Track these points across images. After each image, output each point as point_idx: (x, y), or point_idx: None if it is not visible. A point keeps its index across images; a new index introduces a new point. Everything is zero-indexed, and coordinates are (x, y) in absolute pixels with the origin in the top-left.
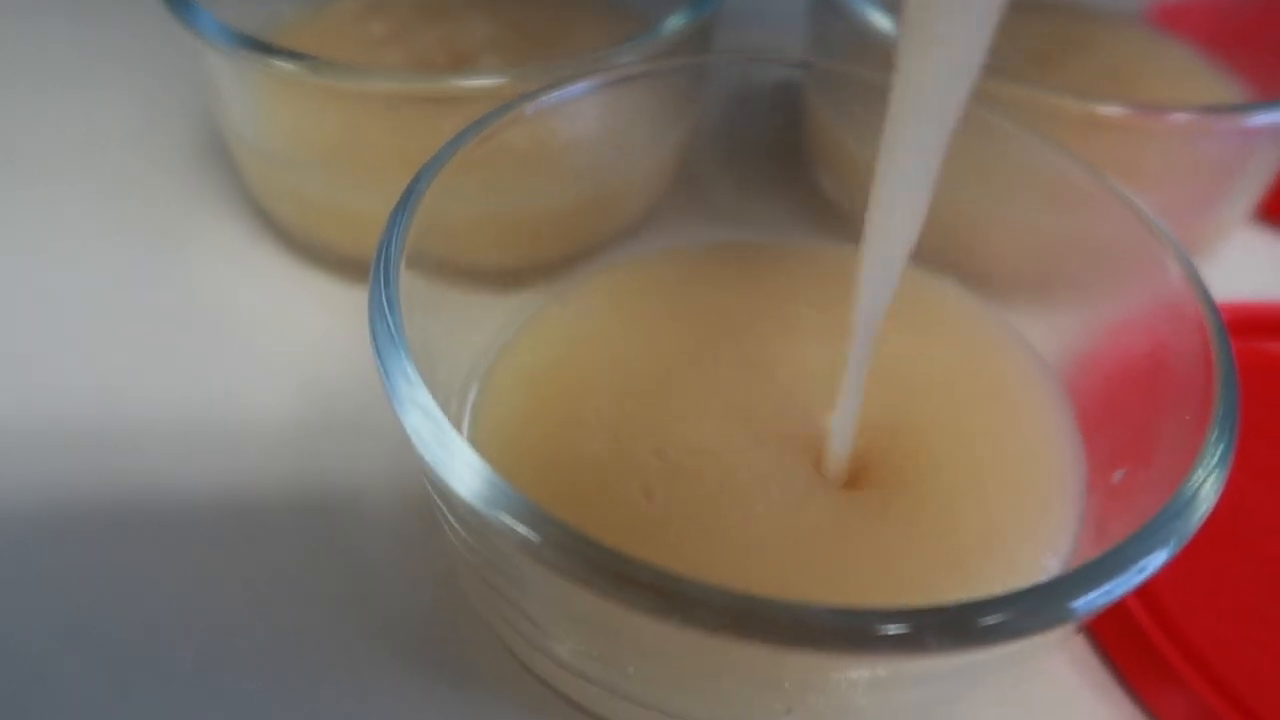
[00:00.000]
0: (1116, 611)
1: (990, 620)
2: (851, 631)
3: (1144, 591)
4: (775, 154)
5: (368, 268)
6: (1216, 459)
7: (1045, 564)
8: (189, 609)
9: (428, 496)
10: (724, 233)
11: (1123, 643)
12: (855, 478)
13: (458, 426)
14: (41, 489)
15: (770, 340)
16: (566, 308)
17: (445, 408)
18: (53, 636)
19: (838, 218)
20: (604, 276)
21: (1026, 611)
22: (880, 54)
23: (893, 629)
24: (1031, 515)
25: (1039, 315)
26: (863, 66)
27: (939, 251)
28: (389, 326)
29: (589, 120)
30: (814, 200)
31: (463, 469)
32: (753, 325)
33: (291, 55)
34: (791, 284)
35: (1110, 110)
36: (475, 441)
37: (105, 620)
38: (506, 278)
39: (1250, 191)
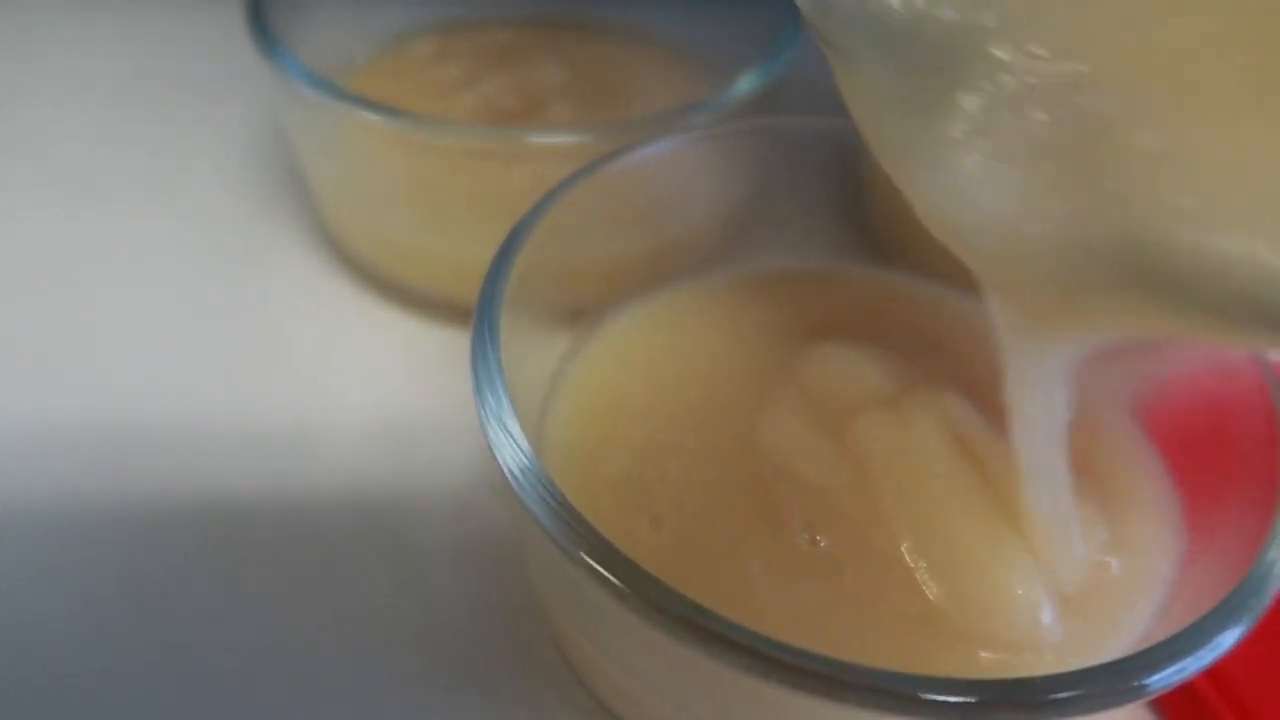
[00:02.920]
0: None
1: (1063, 695)
2: (923, 700)
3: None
4: (835, 197)
5: (439, 303)
6: None
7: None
8: (261, 626)
9: (492, 523)
10: (784, 264)
11: (1186, 713)
12: None
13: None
14: (114, 499)
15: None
16: (623, 336)
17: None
18: (135, 646)
19: (890, 252)
20: (657, 307)
21: (1100, 687)
22: None
23: (967, 699)
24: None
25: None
26: None
27: None
28: (492, 376)
29: (666, 175)
30: (870, 236)
31: (555, 515)
32: (789, 352)
33: (375, 106)
34: (837, 307)
35: None
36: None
37: (182, 636)
38: (576, 312)
39: None
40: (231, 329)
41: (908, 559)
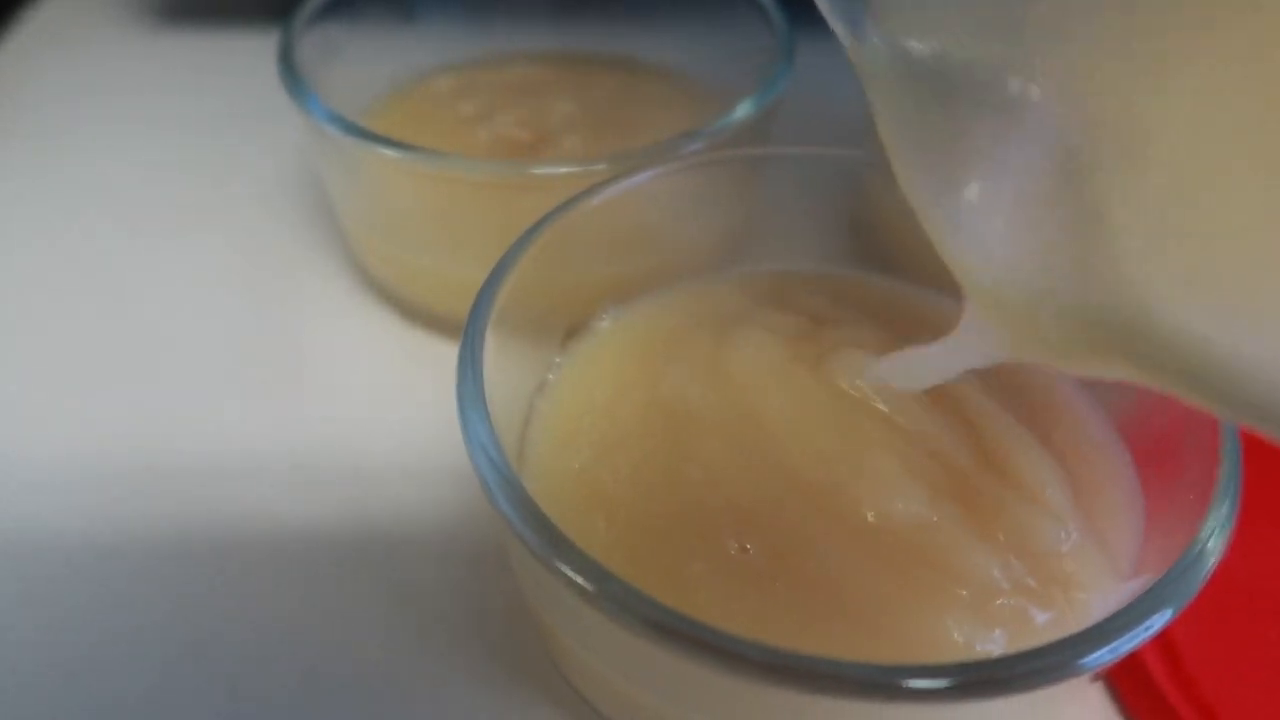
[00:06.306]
0: (1132, 664)
1: (1005, 673)
2: (876, 683)
3: (1161, 646)
4: (828, 215)
5: (456, 322)
6: (1210, 539)
7: None
8: (284, 631)
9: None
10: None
11: (1138, 695)
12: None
13: (518, 455)
14: (148, 518)
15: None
16: (600, 338)
17: (509, 442)
18: (164, 657)
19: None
20: (635, 311)
21: (1039, 666)
22: None
23: (912, 683)
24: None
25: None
26: None
27: None
28: (475, 401)
29: (653, 202)
30: (862, 249)
31: (530, 524)
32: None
33: (393, 143)
34: (813, 308)
35: None
36: (530, 470)
37: (205, 644)
38: (571, 327)
39: None
40: (264, 345)
41: (837, 586)
